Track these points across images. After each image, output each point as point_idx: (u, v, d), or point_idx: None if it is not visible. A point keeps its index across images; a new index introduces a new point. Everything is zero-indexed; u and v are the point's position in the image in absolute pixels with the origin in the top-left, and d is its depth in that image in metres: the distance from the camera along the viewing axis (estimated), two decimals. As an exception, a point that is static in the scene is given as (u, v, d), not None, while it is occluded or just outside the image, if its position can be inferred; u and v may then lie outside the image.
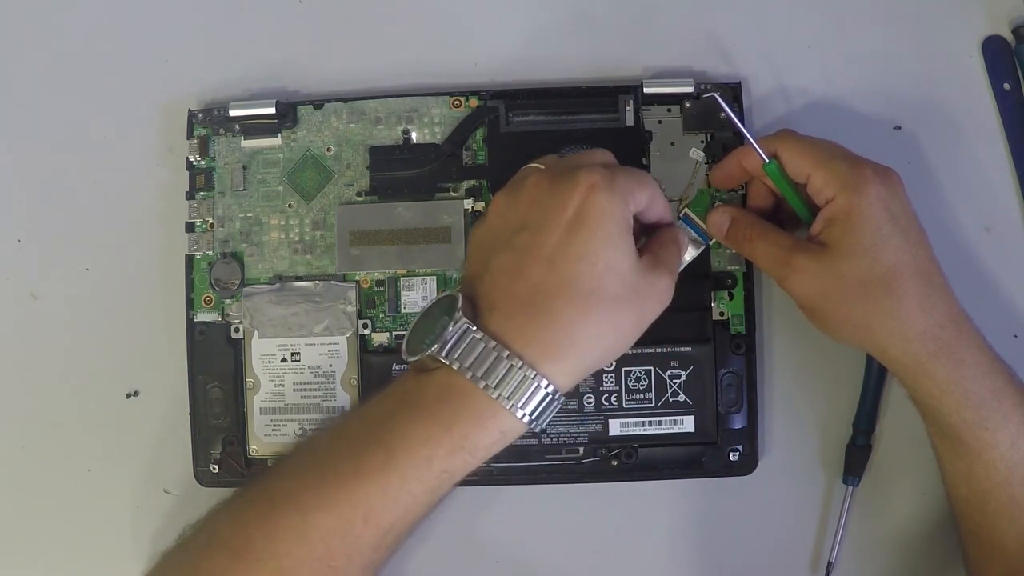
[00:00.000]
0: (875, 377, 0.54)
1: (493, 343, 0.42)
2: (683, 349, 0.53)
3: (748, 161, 0.50)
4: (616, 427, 0.53)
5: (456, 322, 0.42)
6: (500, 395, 0.42)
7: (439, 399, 0.43)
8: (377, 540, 0.43)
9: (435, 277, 0.54)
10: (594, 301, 0.42)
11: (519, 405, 0.42)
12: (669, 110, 0.54)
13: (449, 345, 0.42)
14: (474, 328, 0.42)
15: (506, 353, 0.42)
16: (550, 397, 0.43)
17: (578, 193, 0.43)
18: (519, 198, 0.45)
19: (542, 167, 0.46)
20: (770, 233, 0.49)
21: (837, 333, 0.48)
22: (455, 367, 0.42)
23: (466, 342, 0.42)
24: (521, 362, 0.42)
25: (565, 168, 0.45)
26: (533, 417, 0.43)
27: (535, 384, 0.42)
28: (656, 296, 0.45)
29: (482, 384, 0.42)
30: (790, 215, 0.51)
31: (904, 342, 0.46)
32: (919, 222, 0.48)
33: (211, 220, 0.54)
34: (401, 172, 0.54)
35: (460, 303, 0.43)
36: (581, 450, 0.53)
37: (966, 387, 0.46)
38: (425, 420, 0.42)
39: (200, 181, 0.54)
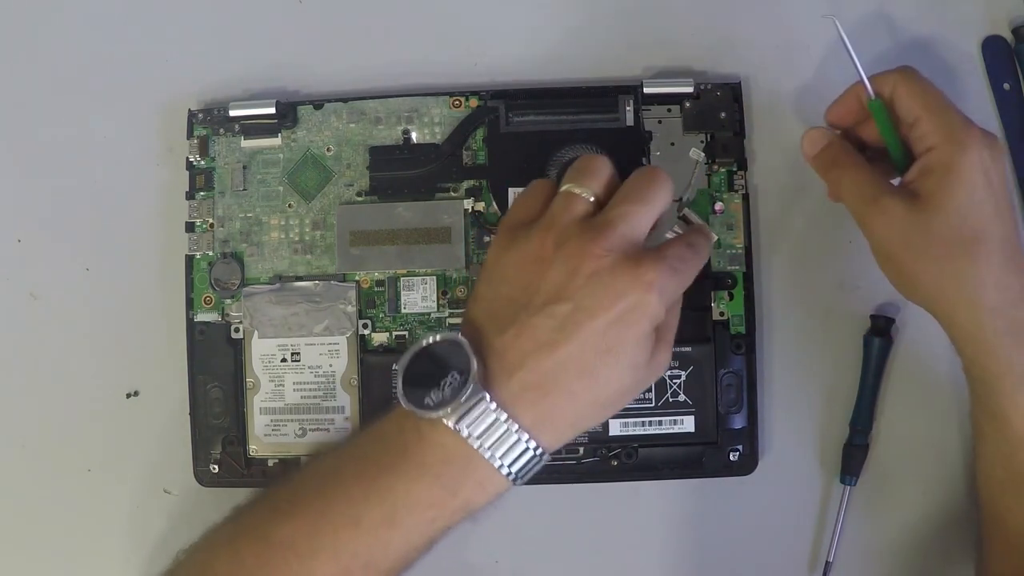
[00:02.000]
0: (872, 376, 0.54)
1: (504, 415, 0.41)
2: (683, 349, 0.53)
3: (865, 97, 0.48)
4: (616, 427, 0.53)
5: (470, 389, 0.41)
6: (502, 464, 0.42)
7: (444, 463, 0.42)
8: None
9: (435, 277, 0.54)
10: (611, 394, 0.43)
11: (518, 473, 0.42)
12: (669, 110, 0.54)
13: (460, 413, 0.41)
14: (488, 399, 0.41)
15: (516, 427, 0.41)
16: (540, 461, 0.43)
17: (637, 290, 0.42)
18: (567, 253, 0.42)
19: (579, 192, 0.44)
20: (864, 166, 0.47)
21: (906, 287, 0.47)
22: (463, 435, 0.41)
23: (479, 412, 0.41)
24: (528, 436, 0.42)
25: (625, 247, 0.43)
26: (520, 476, 0.43)
27: (540, 461, 0.43)
28: (656, 373, 0.45)
29: (488, 454, 0.41)
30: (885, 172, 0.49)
31: (975, 312, 0.45)
32: (1013, 197, 0.47)
33: (211, 220, 0.54)
34: (401, 172, 0.54)
35: (475, 369, 0.41)
36: (581, 450, 0.53)
37: None
38: (430, 483, 0.42)
39: (200, 181, 0.54)
